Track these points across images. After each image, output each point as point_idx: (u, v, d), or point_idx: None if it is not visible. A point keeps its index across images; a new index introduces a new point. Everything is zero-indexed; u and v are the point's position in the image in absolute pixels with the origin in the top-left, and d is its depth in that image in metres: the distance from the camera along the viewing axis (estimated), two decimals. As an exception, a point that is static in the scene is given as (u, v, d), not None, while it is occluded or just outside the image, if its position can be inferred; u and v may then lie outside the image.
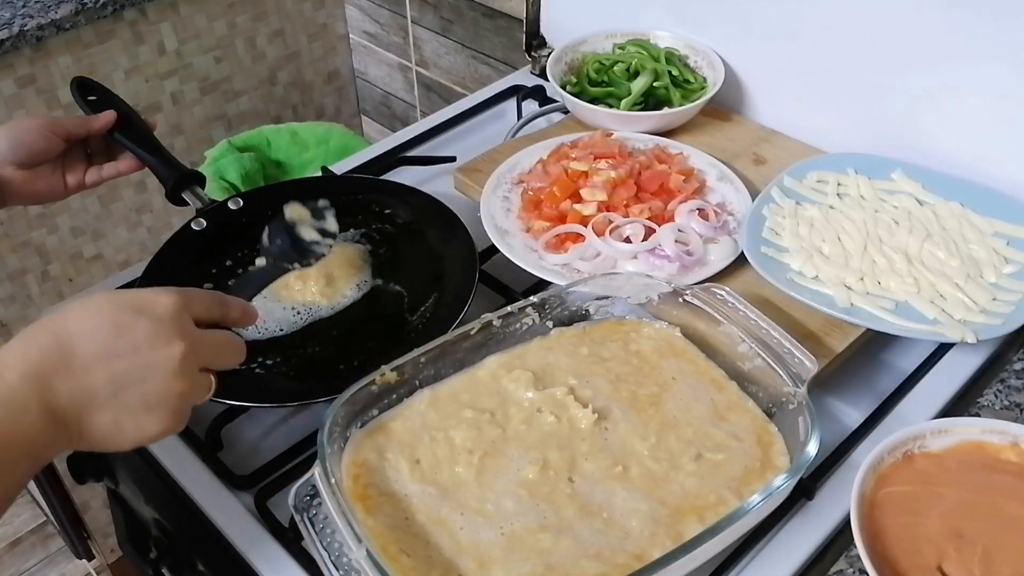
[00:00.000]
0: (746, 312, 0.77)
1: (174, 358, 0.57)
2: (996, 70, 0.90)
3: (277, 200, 1.02)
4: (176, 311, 0.58)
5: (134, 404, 0.56)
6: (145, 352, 0.56)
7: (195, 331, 0.60)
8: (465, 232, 0.95)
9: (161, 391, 0.57)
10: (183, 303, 0.59)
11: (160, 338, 0.57)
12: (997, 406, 0.80)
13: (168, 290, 0.59)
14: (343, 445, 0.70)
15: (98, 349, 0.55)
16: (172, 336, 0.57)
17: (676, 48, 1.16)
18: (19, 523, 1.99)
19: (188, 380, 0.58)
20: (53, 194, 0.91)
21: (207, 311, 0.62)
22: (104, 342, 0.55)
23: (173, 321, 0.58)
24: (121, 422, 0.56)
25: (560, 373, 0.78)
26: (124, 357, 0.56)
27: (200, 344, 0.59)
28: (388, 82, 1.89)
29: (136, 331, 0.56)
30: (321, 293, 0.90)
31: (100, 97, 0.96)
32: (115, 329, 0.56)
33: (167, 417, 0.58)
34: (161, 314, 0.57)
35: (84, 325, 0.56)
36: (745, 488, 0.69)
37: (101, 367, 0.55)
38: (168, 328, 0.57)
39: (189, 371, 0.58)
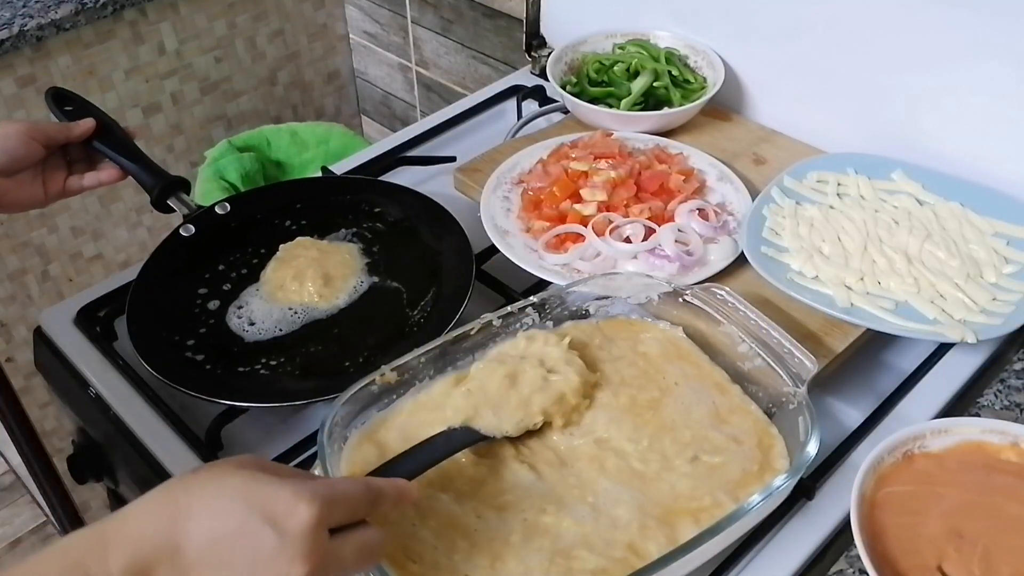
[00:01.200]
0: (746, 312, 0.77)
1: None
2: (996, 70, 0.90)
3: (266, 203, 1.03)
4: (312, 526, 0.50)
5: None
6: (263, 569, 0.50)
7: (328, 547, 0.52)
8: (458, 226, 0.96)
9: None
10: (323, 517, 0.51)
11: (283, 559, 0.50)
12: (997, 406, 0.80)
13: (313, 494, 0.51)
14: (343, 445, 0.70)
15: (213, 557, 0.49)
16: (297, 559, 0.50)
17: (676, 48, 1.16)
18: (19, 523, 1.99)
19: None
20: (33, 202, 0.90)
21: (353, 515, 0.55)
22: (221, 547, 0.50)
23: (304, 539, 0.50)
24: None
25: None
26: (239, 569, 0.50)
27: (332, 561, 0.52)
28: (388, 82, 1.89)
29: (259, 545, 0.50)
30: (319, 293, 0.91)
31: (77, 107, 0.95)
32: (236, 537, 0.50)
33: None
34: (293, 530, 0.50)
35: (205, 520, 0.50)
36: (741, 491, 0.69)
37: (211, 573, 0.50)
38: (297, 547, 0.50)
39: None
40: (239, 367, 0.85)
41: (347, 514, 0.54)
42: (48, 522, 1.97)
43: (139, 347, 0.84)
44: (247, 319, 0.90)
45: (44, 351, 0.94)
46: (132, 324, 0.87)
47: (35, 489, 1.83)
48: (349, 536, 0.54)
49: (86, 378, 0.88)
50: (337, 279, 0.93)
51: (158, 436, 0.83)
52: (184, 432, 0.82)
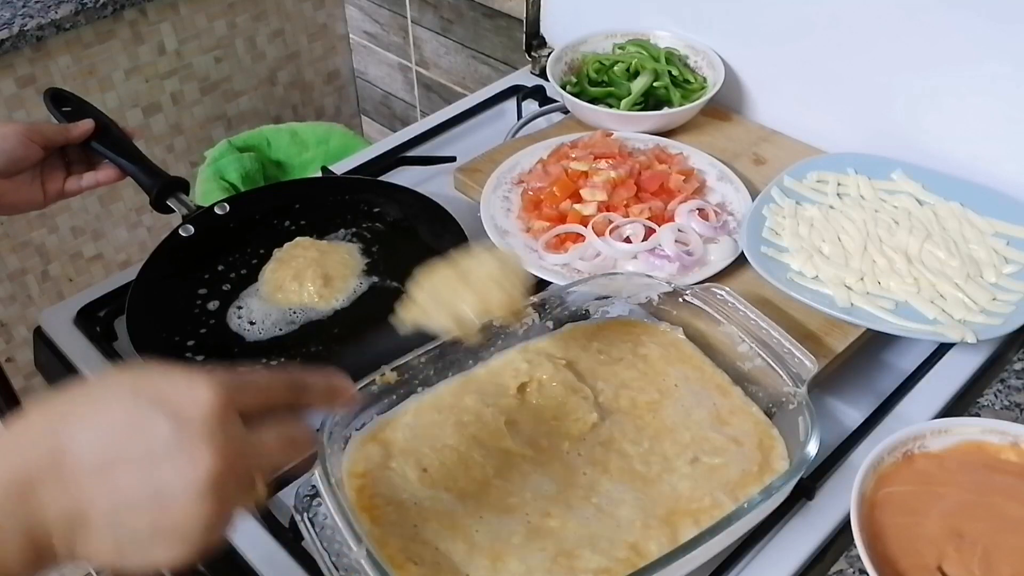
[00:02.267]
0: (746, 312, 0.77)
1: (199, 476, 0.43)
2: (996, 70, 0.90)
3: (265, 204, 1.03)
4: (214, 410, 0.44)
5: (141, 529, 0.43)
6: (160, 464, 0.43)
7: (239, 435, 0.45)
8: (458, 226, 0.95)
9: (177, 517, 0.43)
10: (227, 399, 0.45)
11: (184, 447, 0.43)
12: (997, 406, 0.80)
13: (211, 378, 0.45)
14: (343, 445, 0.70)
15: (100, 456, 0.43)
16: (200, 447, 0.43)
17: (676, 48, 1.16)
18: (19, 523, 1.99)
19: (218, 502, 0.44)
20: (31, 203, 0.90)
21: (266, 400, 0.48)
22: (109, 446, 0.43)
23: (206, 424, 0.44)
24: (123, 548, 0.44)
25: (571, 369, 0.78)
26: (132, 469, 0.43)
27: (244, 452, 0.45)
28: (388, 82, 1.89)
29: (153, 434, 0.43)
30: (318, 294, 0.90)
31: (75, 108, 0.95)
32: (126, 430, 0.43)
33: (186, 546, 0.44)
34: (192, 413, 0.43)
35: (89, 421, 0.44)
36: (741, 491, 0.69)
37: (101, 480, 0.43)
38: (198, 435, 0.43)
39: (221, 490, 0.44)
40: (239, 367, 0.85)
41: (259, 398, 0.48)
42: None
43: (139, 347, 0.84)
44: (247, 319, 0.90)
45: (44, 351, 0.94)
46: (132, 324, 0.87)
47: (35, 489, 1.82)
48: (270, 425, 0.48)
49: (86, 378, 0.88)
50: (337, 279, 0.92)
51: (158, 436, 0.83)
52: (184, 432, 0.82)
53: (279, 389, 0.49)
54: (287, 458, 0.49)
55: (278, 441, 0.48)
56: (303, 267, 0.92)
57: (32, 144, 0.87)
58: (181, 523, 0.43)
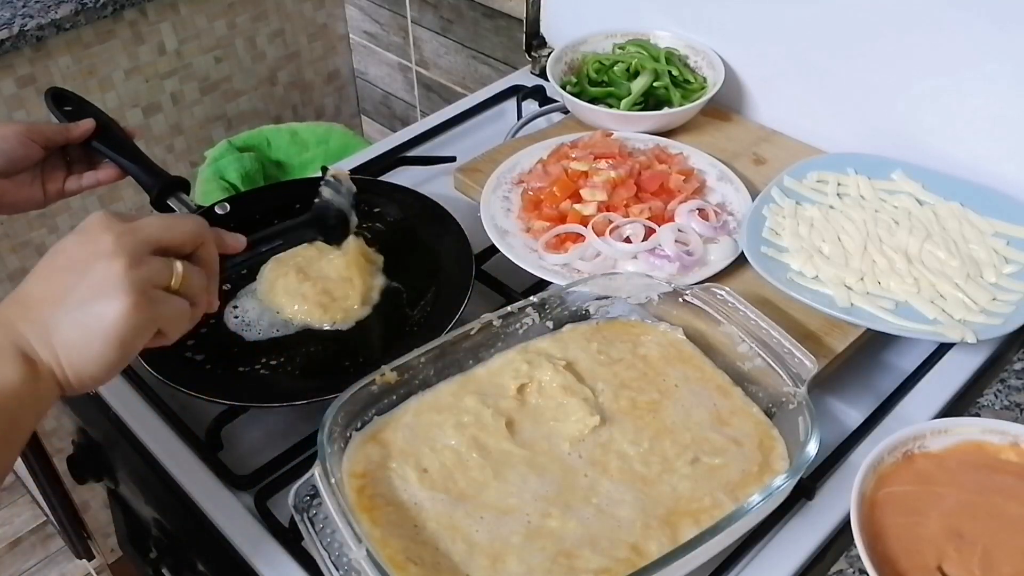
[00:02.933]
0: (746, 312, 0.77)
1: (106, 244, 0.57)
2: (996, 70, 0.90)
3: (265, 204, 1.03)
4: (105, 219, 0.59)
5: (85, 298, 0.56)
6: (80, 257, 0.57)
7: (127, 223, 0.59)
8: (458, 226, 0.96)
9: (104, 274, 0.56)
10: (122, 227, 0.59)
11: (89, 239, 0.58)
12: (997, 406, 0.80)
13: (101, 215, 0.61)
14: (343, 445, 0.70)
15: (44, 282, 0.58)
16: (100, 232, 0.58)
17: (676, 48, 1.16)
18: (19, 523, 1.99)
19: (129, 256, 0.57)
20: (32, 203, 0.90)
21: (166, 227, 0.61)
22: (48, 274, 0.58)
23: (100, 224, 0.59)
24: (83, 323, 0.56)
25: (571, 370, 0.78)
26: (64, 271, 0.57)
27: (134, 229, 0.59)
28: (388, 82, 1.89)
29: (70, 249, 0.58)
30: (324, 310, 0.90)
31: (76, 107, 0.95)
32: (54, 259, 0.59)
33: (123, 295, 0.56)
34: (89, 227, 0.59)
35: (33, 277, 0.59)
36: (741, 492, 0.69)
37: (48, 291, 0.57)
38: (96, 230, 0.58)
39: (128, 250, 0.57)
40: (239, 367, 0.85)
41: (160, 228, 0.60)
42: (48, 522, 1.97)
43: (139, 347, 0.84)
44: (243, 319, 0.90)
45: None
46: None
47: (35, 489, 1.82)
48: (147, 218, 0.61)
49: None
50: (342, 299, 0.92)
51: (158, 436, 0.83)
52: (184, 432, 0.82)
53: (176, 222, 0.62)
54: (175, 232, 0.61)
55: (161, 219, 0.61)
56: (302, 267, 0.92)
57: (32, 144, 0.87)
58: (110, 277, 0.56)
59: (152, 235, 0.60)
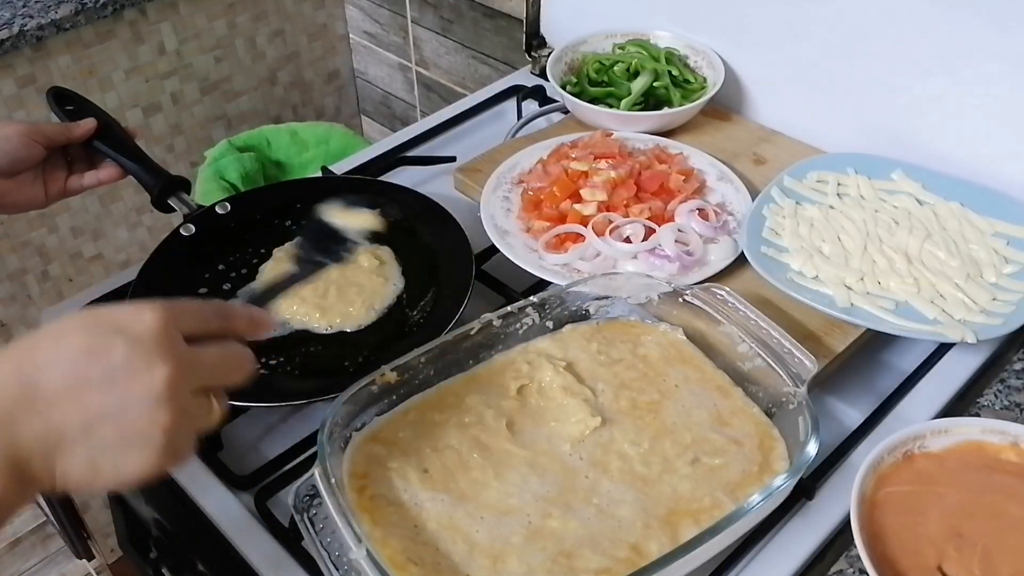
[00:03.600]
0: (746, 312, 0.77)
1: (156, 385, 0.49)
2: (996, 70, 0.90)
3: (265, 204, 1.03)
4: (160, 328, 0.50)
5: (110, 441, 0.49)
6: (121, 380, 0.48)
7: (185, 350, 0.52)
8: (458, 226, 0.95)
9: (141, 424, 0.49)
10: (169, 318, 0.51)
11: (139, 361, 0.49)
12: (997, 406, 0.80)
13: (152, 305, 0.52)
14: (343, 445, 0.70)
15: (67, 379, 0.48)
16: (153, 358, 0.49)
17: (676, 48, 1.16)
18: (19, 523, 1.99)
19: (176, 409, 0.50)
20: (33, 203, 0.90)
21: (202, 324, 0.55)
22: (73, 371, 0.48)
23: (156, 340, 0.50)
24: (97, 462, 0.49)
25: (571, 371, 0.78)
26: (97, 387, 0.48)
27: (192, 364, 0.52)
28: (388, 82, 1.89)
29: (111, 355, 0.49)
30: (323, 313, 0.90)
31: (78, 107, 0.95)
32: (87, 355, 0.49)
33: (152, 454, 0.49)
34: (141, 333, 0.50)
35: (52, 353, 0.49)
36: (741, 492, 0.69)
37: (70, 400, 0.48)
38: (149, 349, 0.49)
39: (177, 398, 0.50)
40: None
41: (196, 322, 0.54)
42: (48, 522, 1.96)
43: (139, 347, 0.84)
44: None
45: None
46: (132, 324, 0.87)
47: (35, 489, 1.82)
48: (209, 347, 0.54)
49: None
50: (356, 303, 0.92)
51: (158, 436, 0.83)
52: (184, 432, 0.82)
53: (210, 314, 0.56)
54: (230, 373, 0.56)
55: (220, 355, 0.55)
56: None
57: (34, 144, 0.87)
58: (145, 429, 0.49)
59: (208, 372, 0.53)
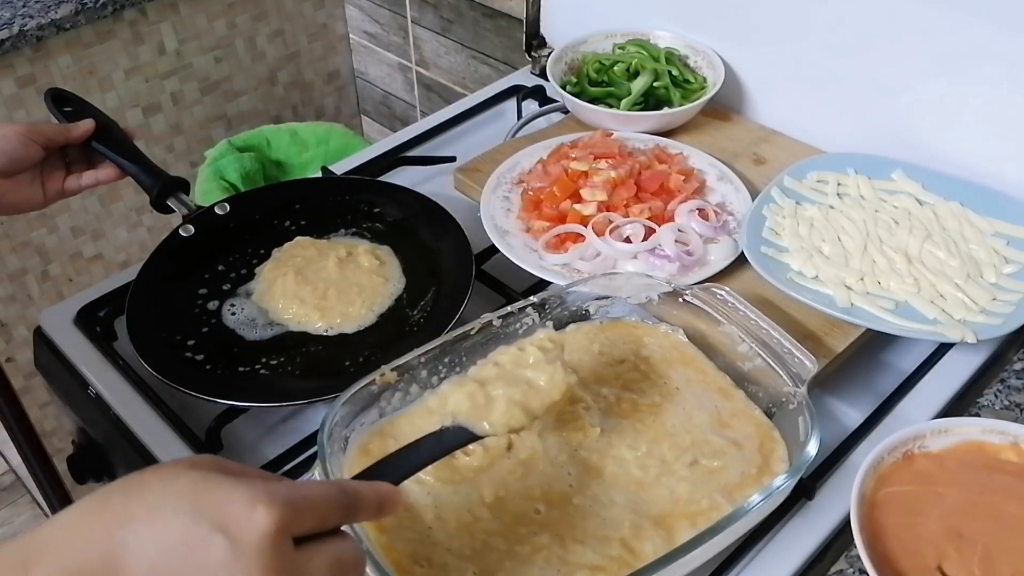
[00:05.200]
0: (746, 312, 0.77)
1: None
2: (996, 70, 0.90)
3: (265, 204, 1.03)
4: (271, 536, 0.43)
5: None
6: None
7: (292, 560, 0.45)
8: (457, 226, 0.96)
9: None
10: (285, 523, 0.44)
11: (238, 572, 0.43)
12: (997, 406, 0.80)
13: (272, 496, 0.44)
14: (343, 445, 0.70)
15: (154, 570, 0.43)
16: (254, 570, 0.43)
17: (676, 48, 1.16)
18: (19, 523, 1.99)
19: None
20: (32, 203, 0.90)
21: (322, 521, 0.47)
22: (164, 563, 0.43)
23: (262, 552, 0.43)
24: None
25: None
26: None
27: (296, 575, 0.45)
28: (388, 82, 1.89)
29: (209, 555, 0.43)
30: (323, 314, 0.90)
31: (76, 108, 0.95)
32: (182, 547, 0.43)
33: None
34: (249, 538, 0.43)
35: (146, 531, 0.43)
36: (739, 494, 0.69)
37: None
38: (253, 558, 0.43)
39: None
40: (239, 367, 0.85)
41: (316, 521, 0.47)
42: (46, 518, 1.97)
43: (139, 347, 0.84)
44: (240, 318, 0.90)
45: (44, 351, 0.94)
46: (132, 324, 0.87)
47: (35, 489, 1.83)
48: (320, 547, 0.47)
49: (86, 378, 0.88)
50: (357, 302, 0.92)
51: (158, 436, 0.83)
52: (184, 432, 0.82)
53: (334, 508, 0.48)
54: None
55: (329, 566, 0.47)
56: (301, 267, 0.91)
57: (33, 144, 0.87)
58: None
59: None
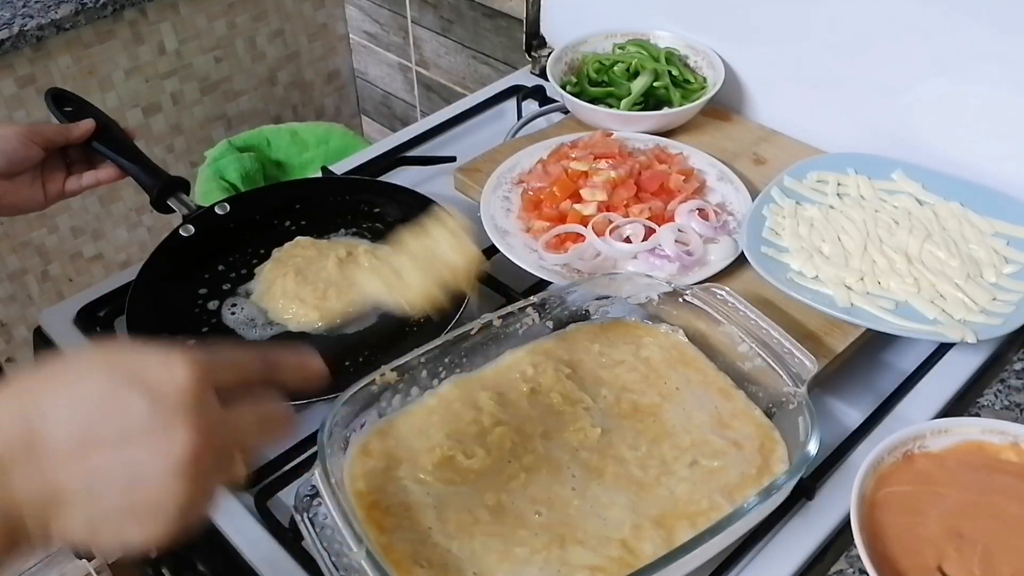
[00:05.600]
0: (746, 312, 0.77)
1: (175, 454, 0.42)
2: (995, 71, 0.90)
3: (265, 204, 1.03)
4: (189, 387, 0.43)
5: (115, 508, 0.43)
6: (136, 443, 0.42)
7: (216, 413, 0.45)
8: None
9: (153, 495, 0.43)
10: (202, 374, 0.44)
11: (160, 426, 0.42)
12: (997, 406, 0.80)
13: (186, 356, 0.44)
14: (344, 445, 0.70)
15: (74, 435, 0.42)
16: (177, 424, 0.43)
17: (676, 48, 1.16)
18: (19, 523, 1.99)
19: (195, 481, 0.43)
20: (32, 204, 0.90)
21: (240, 377, 0.48)
22: (84, 426, 0.42)
23: (182, 401, 0.43)
24: (97, 527, 0.43)
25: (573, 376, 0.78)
26: (107, 447, 0.42)
27: (221, 430, 0.45)
28: (388, 82, 1.89)
29: (128, 412, 0.42)
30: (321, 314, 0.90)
31: (76, 108, 0.95)
32: (101, 408, 0.42)
33: (160, 526, 0.43)
34: (167, 392, 0.43)
35: (63, 399, 0.43)
36: (739, 494, 0.69)
37: (75, 459, 0.42)
38: (174, 412, 0.43)
39: (197, 469, 0.43)
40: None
41: (235, 375, 0.47)
42: (48, 522, 1.96)
43: (139, 347, 0.84)
44: (240, 318, 0.90)
45: (44, 351, 0.94)
46: (132, 324, 0.87)
47: (35, 489, 1.82)
48: (246, 405, 0.47)
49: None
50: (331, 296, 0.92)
51: (158, 436, 0.83)
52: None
53: (252, 366, 0.49)
54: (264, 436, 0.49)
55: (254, 418, 0.48)
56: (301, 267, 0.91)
57: (32, 145, 0.87)
58: (157, 502, 0.43)
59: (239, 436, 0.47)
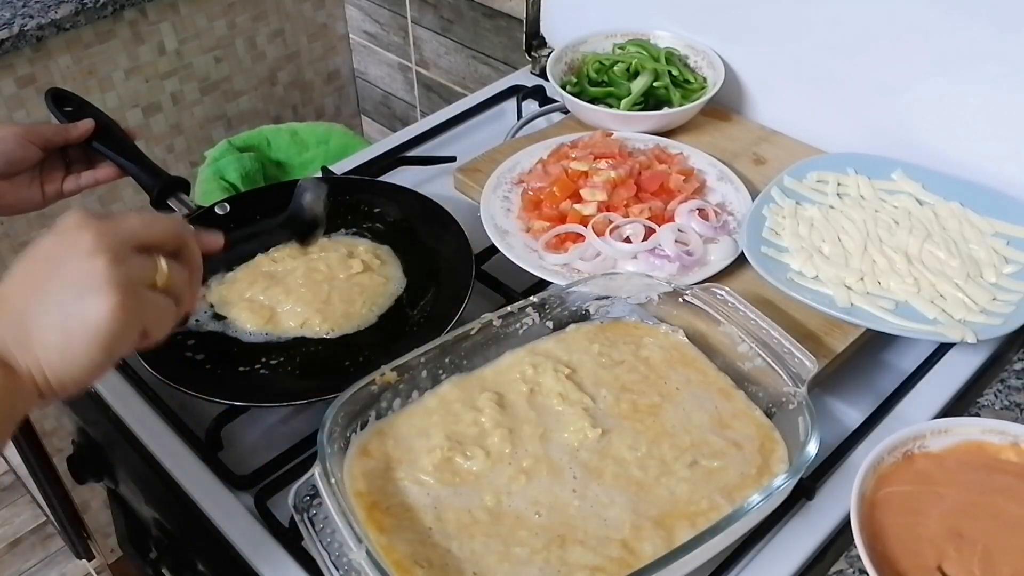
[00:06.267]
0: (746, 312, 0.77)
1: (86, 241, 0.54)
2: (996, 71, 0.90)
3: (265, 204, 1.02)
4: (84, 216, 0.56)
5: (66, 298, 0.53)
6: (59, 255, 0.55)
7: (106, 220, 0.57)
8: (457, 226, 0.96)
9: (81, 273, 0.54)
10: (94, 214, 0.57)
11: (67, 237, 0.55)
12: (997, 406, 0.80)
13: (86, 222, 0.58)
14: (344, 445, 0.70)
15: (21, 282, 0.55)
16: (78, 230, 0.55)
17: (676, 48, 1.16)
18: (19, 523, 1.99)
19: (111, 252, 0.54)
20: (31, 204, 0.90)
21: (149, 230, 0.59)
22: (25, 274, 0.56)
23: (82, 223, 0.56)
24: (65, 325, 0.53)
25: (574, 375, 0.78)
26: (42, 270, 0.55)
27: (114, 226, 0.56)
28: (388, 82, 1.89)
29: (48, 248, 0.56)
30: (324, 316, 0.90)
31: (76, 108, 0.95)
32: (31, 259, 0.56)
33: (107, 294, 0.53)
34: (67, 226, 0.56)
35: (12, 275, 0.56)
36: (739, 494, 0.69)
37: (22, 288, 0.55)
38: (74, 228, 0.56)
39: (109, 246, 0.55)
40: (239, 367, 0.85)
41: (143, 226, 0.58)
42: (48, 522, 1.97)
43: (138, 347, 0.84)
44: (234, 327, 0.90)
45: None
46: (132, 324, 0.87)
47: (35, 489, 1.83)
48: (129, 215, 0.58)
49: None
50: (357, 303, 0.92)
51: (158, 436, 0.83)
52: (184, 432, 0.82)
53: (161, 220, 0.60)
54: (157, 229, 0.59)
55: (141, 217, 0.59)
56: None
57: (31, 145, 0.86)
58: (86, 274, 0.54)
59: (133, 232, 0.57)
